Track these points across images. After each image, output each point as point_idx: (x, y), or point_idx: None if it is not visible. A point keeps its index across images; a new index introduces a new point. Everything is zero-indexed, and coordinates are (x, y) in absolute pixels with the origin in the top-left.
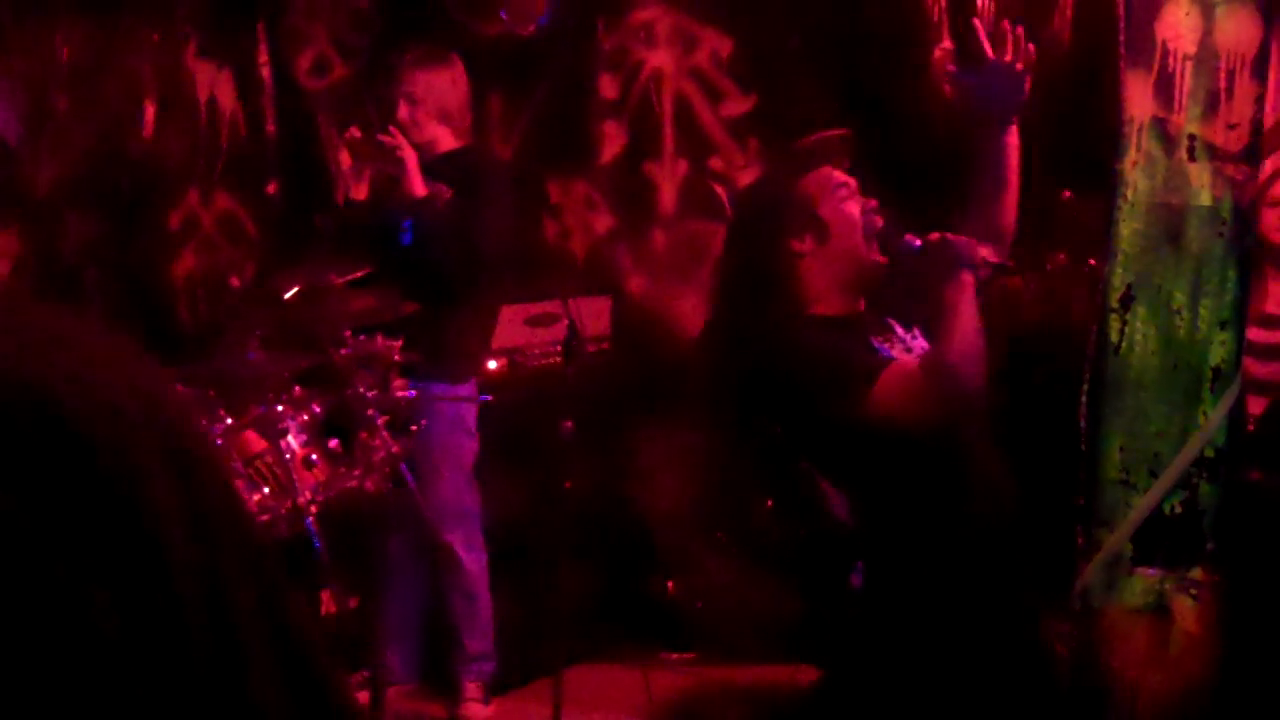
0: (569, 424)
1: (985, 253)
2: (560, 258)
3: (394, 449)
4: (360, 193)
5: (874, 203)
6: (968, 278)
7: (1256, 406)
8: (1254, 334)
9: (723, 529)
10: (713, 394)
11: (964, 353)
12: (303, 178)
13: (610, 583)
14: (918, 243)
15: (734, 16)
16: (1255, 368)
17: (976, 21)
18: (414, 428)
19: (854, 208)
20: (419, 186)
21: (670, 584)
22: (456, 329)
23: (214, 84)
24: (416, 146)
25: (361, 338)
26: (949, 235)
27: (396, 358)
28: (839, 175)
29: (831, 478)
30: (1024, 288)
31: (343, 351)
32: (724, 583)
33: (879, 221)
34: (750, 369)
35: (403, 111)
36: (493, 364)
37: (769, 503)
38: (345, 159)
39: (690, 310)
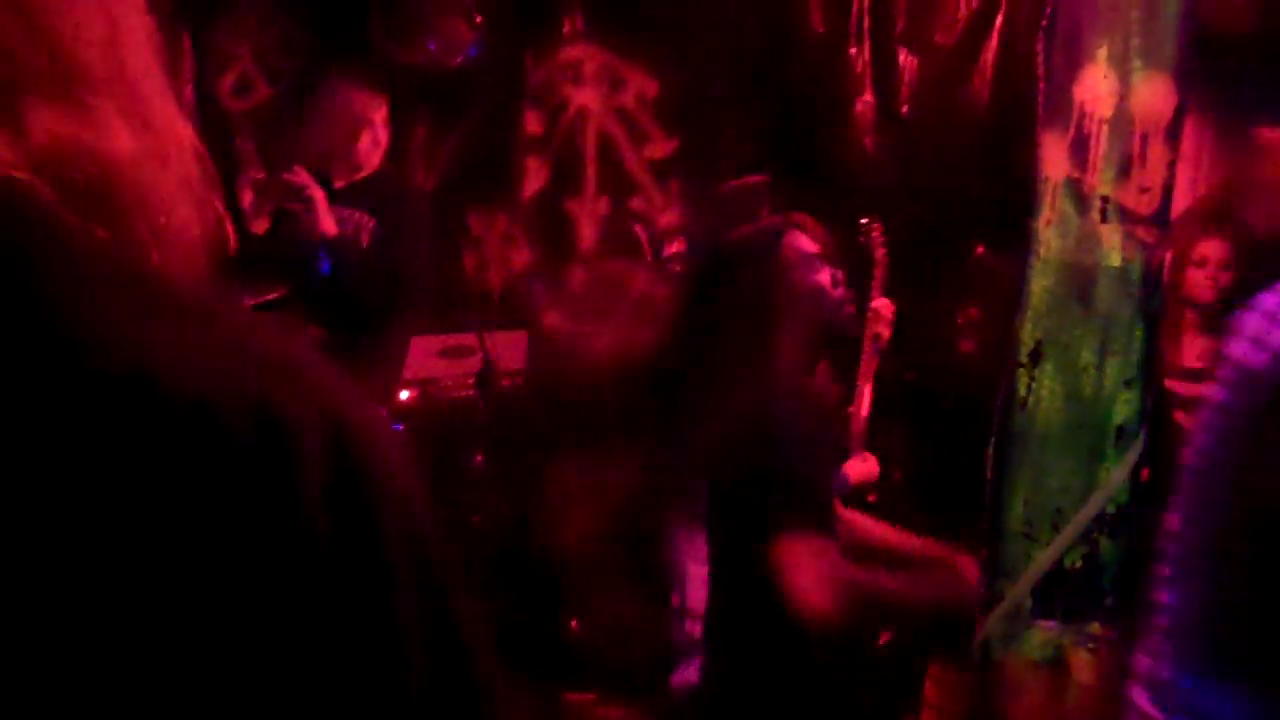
0: (479, 457)
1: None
2: (477, 290)
3: None
4: (259, 228)
5: (841, 274)
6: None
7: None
8: (1178, 387)
9: (628, 568)
10: (632, 432)
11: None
12: (220, 197)
13: (515, 619)
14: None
15: (661, 59)
16: (1183, 419)
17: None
18: None
19: (824, 277)
20: (329, 225)
21: (574, 622)
22: (367, 357)
23: None
24: (326, 182)
25: None
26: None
27: None
28: (809, 243)
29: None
30: (937, 340)
31: None
32: (628, 623)
33: (848, 295)
34: (727, 424)
35: (323, 133)
36: (405, 394)
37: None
38: (247, 196)
39: (605, 347)
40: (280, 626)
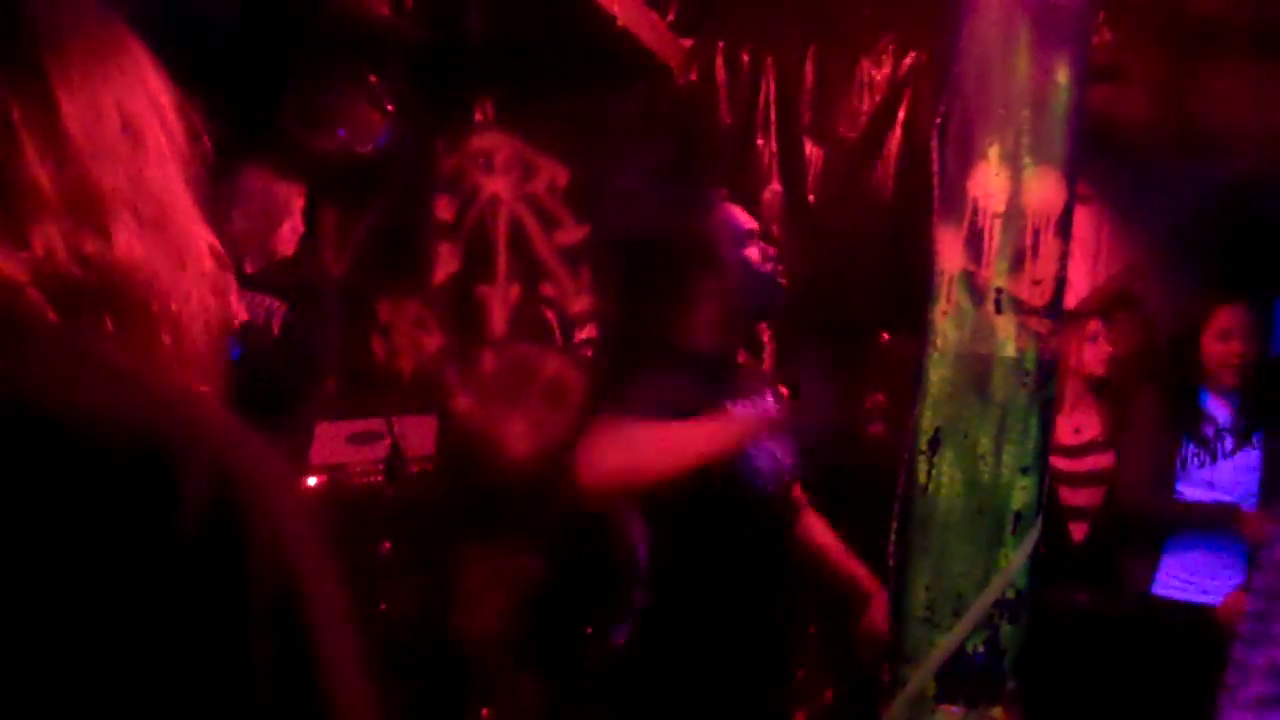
0: (387, 544)
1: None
2: (387, 376)
3: None
4: None
5: (773, 250)
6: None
7: (1079, 533)
8: (1061, 464)
9: (540, 656)
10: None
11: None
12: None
13: (425, 707)
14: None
15: (572, 148)
16: (1069, 496)
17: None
18: None
19: (754, 253)
20: (239, 312)
21: (485, 711)
22: (275, 442)
23: None
24: (238, 267)
25: None
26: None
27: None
28: (744, 218)
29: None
30: (845, 425)
31: None
32: (540, 711)
33: (778, 271)
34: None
35: (243, 222)
36: (312, 480)
37: (589, 630)
38: None
39: (516, 432)
40: (135, 635)
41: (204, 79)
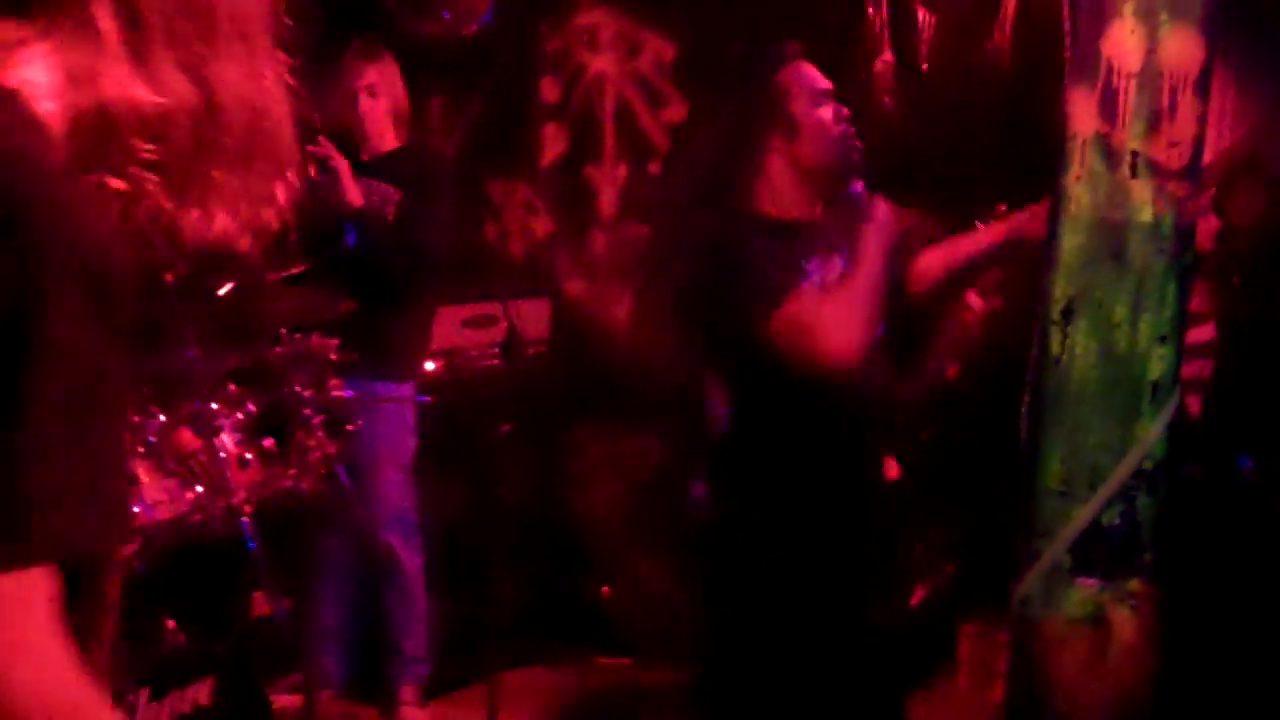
0: (506, 426)
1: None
2: (499, 259)
3: (330, 449)
4: None
5: (847, 111)
6: (872, 239)
7: (1194, 406)
8: None
9: (658, 535)
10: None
11: (856, 301)
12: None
13: (545, 587)
14: (860, 189)
15: (677, 22)
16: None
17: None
18: (350, 428)
19: (827, 113)
20: (355, 196)
21: (605, 589)
22: (396, 329)
23: None
24: (358, 141)
25: (297, 336)
26: (882, 200)
27: (333, 356)
28: (818, 77)
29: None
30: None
31: (277, 349)
32: (658, 589)
33: (851, 133)
34: (694, 262)
35: (364, 104)
36: (430, 365)
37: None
38: None
39: (628, 314)
40: None
41: None
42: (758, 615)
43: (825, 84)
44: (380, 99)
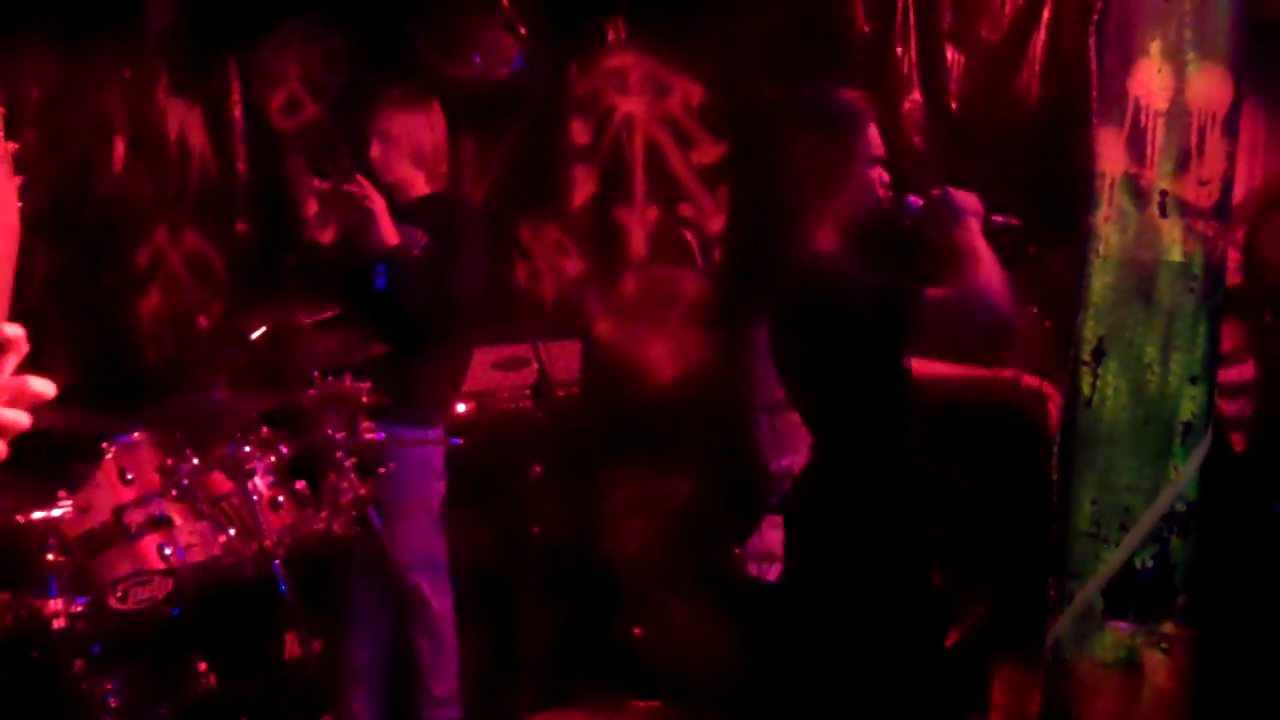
0: (538, 468)
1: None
2: (530, 301)
3: (361, 491)
4: (325, 237)
5: (889, 178)
6: (974, 223)
7: (1239, 444)
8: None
9: (690, 576)
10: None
11: (991, 283)
12: (272, 217)
13: (577, 628)
14: (918, 200)
15: (706, 64)
16: (1224, 406)
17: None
18: (381, 470)
19: (876, 175)
20: (390, 235)
21: (637, 630)
22: (427, 372)
23: (184, 121)
24: (387, 188)
25: (329, 379)
26: (950, 188)
27: (365, 399)
28: (877, 142)
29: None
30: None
31: (310, 392)
32: (691, 631)
33: (887, 199)
34: (777, 298)
35: (375, 150)
36: (461, 407)
37: (736, 549)
38: (311, 206)
39: (659, 355)
40: None
41: (339, 12)
42: (806, 660)
43: (881, 150)
44: (395, 145)
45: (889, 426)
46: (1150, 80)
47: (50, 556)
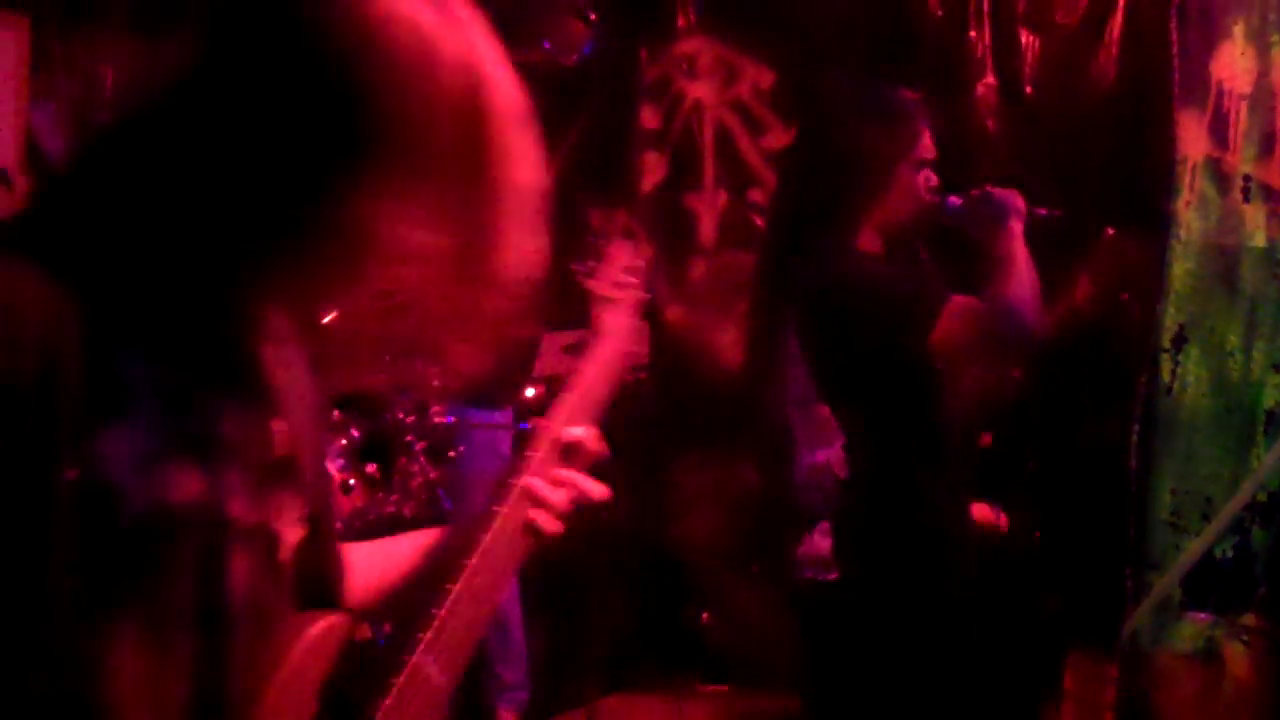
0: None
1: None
2: None
3: (431, 475)
4: None
5: (936, 181)
6: (1016, 227)
7: None
8: None
9: (758, 561)
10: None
11: (1021, 295)
12: None
13: (645, 614)
14: (958, 200)
15: (776, 48)
16: None
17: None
18: (452, 454)
19: (922, 179)
20: None
21: (705, 615)
22: (500, 354)
23: None
24: None
25: (400, 362)
26: (990, 188)
27: (434, 383)
28: (928, 145)
29: (856, 419)
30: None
31: (381, 376)
32: (757, 616)
33: (934, 204)
34: (809, 297)
35: None
36: (530, 391)
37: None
38: None
39: (728, 340)
40: None
41: None
42: (870, 646)
43: (931, 153)
44: None
45: (920, 429)
46: (1233, 63)
47: None
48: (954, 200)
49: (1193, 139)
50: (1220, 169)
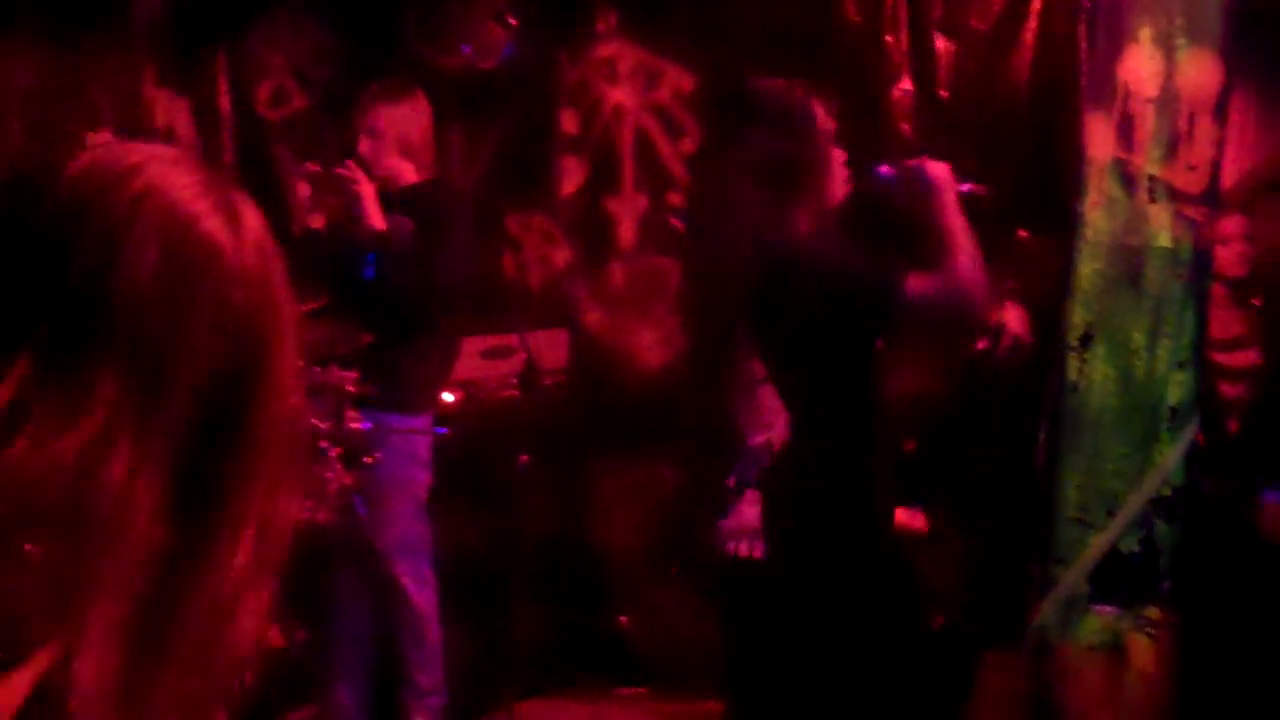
0: (524, 457)
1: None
2: (517, 291)
3: (346, 481)
4: (317, 222)
5: (845, 155)
6: (950, 198)
7: (1233, 426)
8: (1218, 358)
9: (676, 564)
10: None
11: (971, 270)
12: (260, 208)
13: (564, 617)
14: (890, 170)
15: (696, 53)
16: (1226, 390)
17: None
18: (367, 460)
19: (837, 154)
20: (378, 220)
21: (624, 619)
22: (415, 361)
23: (171, 113)
24: (377, 180)
25: (315, 369)
26: (923, 159)
27: (350, 389)
28: (829, 119)
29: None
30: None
31: None
32: (677, 618)
33: (843, 154)
34: (754, 283)
35: (364, 145)
36: (448, 396)
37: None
38: (303, 190)
39: (647, 344)
40: None
41: (327, 2)
42: (790, 642)
43: (833, 124)
44: (382, 139)
45: (862, 405)
46: (1140, 66)
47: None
48: (885, 170)
49: (1100, 141)
50: (1127, 170)
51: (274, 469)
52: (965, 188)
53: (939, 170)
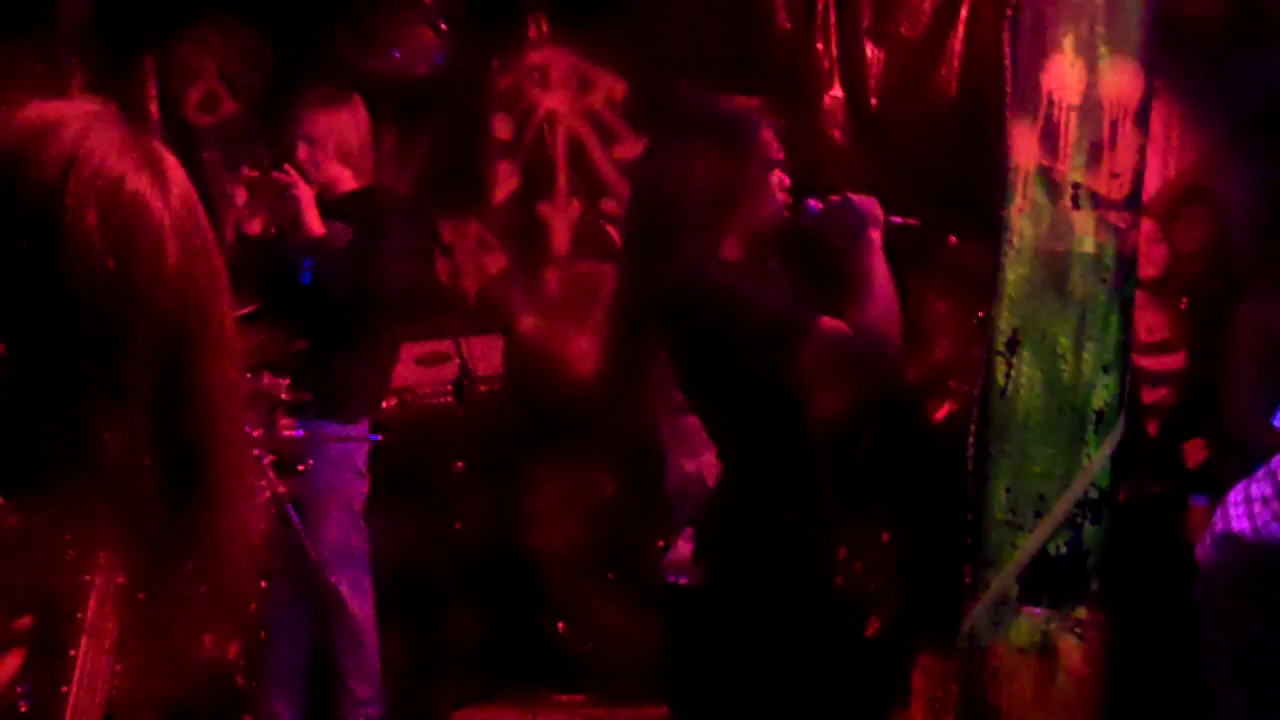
0: (459, 464)
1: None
2: (452, 297)
3: (279, 489)
4: (253, 227)
5: (788, 182)
6: (875, 236)
7: (1152, 428)
8: (1140, 360)
9: (612, 570)
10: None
11: (885, 318)
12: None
13: (500, 624)
14: (818, 205)
15: (628, 59)
16: (1146, 394)
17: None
18: (300, 467)
19: (774, 180)
20: (316, 225)
21: (560, 625)
22: (350, 368)
23: None
24: (316, 187)
25: (247, 376)
26: (850, 194)
27: (284, 396)
28: (776, 146)
29: (720, 427)
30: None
31: None
32: (613, 624)
33: (787, 204)
34: (673, 308)
35: (302, 152)
36: (383, 403)
37: (660, 543)
38: (241, 195)
39: (583, 350)
40: None
41: (257, 7)
42: (727, 652)
43: (780, 154)
44: (320, 146)
45: (787, 440)
46: (1063, 74)
47: None
48: (814, 204)
49: (1025, 148)
50: (1051, 177)
51: (234, 413)
52: (897, 220)
53: (868, 205)
